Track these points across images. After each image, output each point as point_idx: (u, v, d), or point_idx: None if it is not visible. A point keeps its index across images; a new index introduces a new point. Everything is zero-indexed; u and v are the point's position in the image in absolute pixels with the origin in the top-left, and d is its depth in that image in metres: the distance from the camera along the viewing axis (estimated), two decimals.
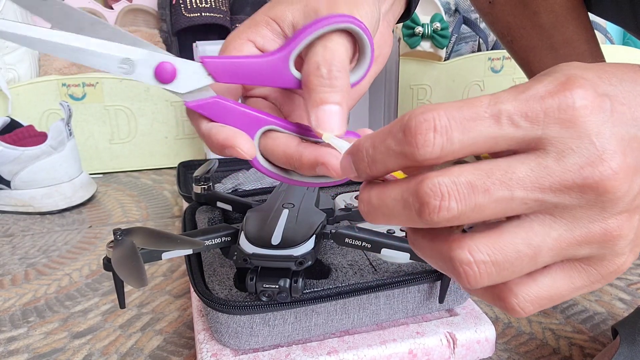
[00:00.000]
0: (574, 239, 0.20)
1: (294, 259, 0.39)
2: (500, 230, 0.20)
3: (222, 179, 0.75)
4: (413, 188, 0.20)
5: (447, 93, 1.10)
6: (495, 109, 0.19)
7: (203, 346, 0.43)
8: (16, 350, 0.50)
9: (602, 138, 0.19)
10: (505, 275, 0.20)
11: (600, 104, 0.19)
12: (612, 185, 0.19)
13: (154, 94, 0.98)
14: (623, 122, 0.20)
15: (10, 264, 0.66)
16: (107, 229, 0.76)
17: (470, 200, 0.19)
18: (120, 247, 0.38)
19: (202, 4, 1.01)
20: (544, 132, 0.19)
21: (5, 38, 0.26)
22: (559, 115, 0.19)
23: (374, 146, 0.21)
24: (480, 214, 0.19)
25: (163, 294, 0.59)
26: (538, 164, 0.19)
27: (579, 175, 0.19)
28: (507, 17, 0.63)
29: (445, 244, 0.20)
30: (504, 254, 0.20)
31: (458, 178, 0.19)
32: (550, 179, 0.19)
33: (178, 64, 0.29)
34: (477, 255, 0.20)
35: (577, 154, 0.19)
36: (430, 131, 0.19)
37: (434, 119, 0.19)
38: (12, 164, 0.79)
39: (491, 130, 0.19)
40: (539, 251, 0.20)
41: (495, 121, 0.19)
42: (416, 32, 1.06)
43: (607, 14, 0.61)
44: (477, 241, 0.20)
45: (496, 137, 0.19)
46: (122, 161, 1.01)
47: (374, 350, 0.43)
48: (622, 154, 0.19)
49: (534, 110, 0.19)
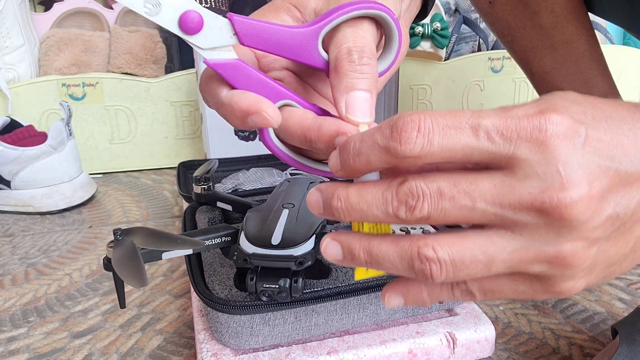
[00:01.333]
0: (527, 256, 0.21)
1: (294, 259, 0.39)
2: (463, 235, 0.22)
3: (222, 179, 0.75)
4: (394, 187, 0.22)
5: (447, 93, 1.10)
6: (476, 122, 0.21)
7: (203, 346, 0.43)
8: (16, 350, 0.50)
9: (568, 167, 0.20)
10: (459, 276, 0.22)
11: (574, 133, 0.20)
12: (569, 213, 0.20)
13: (154, 94, 0.98)
14: (596, 154, 0.20)
15: (11, 264, 0.66)
16: (107, 229, 0.76)
17: (438, 204, 0.21)
18: (120, 247, 0.38)
19: (202, 4, 1.01)
20: (515, 151, 0.20)
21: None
22: (531, 136, 0.20)
23: (362, 140, 0.23)
24: (445, 218, 0.22)
25: (163, 293, 0.59)
26: (502, 182, 0.21)
27: (538, 198, 0.20)
28: (507, 17, 0.63)
29: (410, 242, 0.22)
30: (461, 256, 0.22)
31: (431, 183, 0.21)
32: (511, 196, 0.20)
33: (205, 15, 0.27)
34: (439, 252, 0.22)
35: (541, 178, 0.20)
36: (414, 130, 0.21)
37: (419, 120, 0.21)
38: (12, 164, 0.79)
39: (468, 140, 0.21)
40: (493, 260, 0.22)
41: (473, 132, 0.21)
42: (416, 32, 1.06)
43: (607, 14, 0.61)
44: (440, 240, 0.22)
45: (472, 148, 0.21)
46: (122, 161, 1.01)
47: (374, 350, 0.43)
48: (587, 184, 0.20)
49: (509, 128, 0.21)
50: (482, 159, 0.21)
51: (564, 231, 0.21)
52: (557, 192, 0.20)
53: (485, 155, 0.21)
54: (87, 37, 0.99)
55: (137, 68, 0.99)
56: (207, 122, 0.85)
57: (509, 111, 0.21)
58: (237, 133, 0.87)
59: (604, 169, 0.20)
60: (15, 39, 0.95)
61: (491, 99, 1.13)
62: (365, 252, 0.24)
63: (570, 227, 0.20)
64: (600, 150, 0.21)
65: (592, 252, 0.21)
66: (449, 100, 1.10)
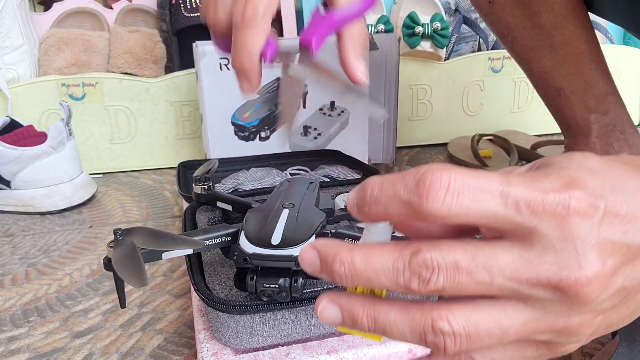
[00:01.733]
0: (539, 328, 0.22)
1: (294, 258, 0.39)
2: (476, 306, 0.21)
3: (222, 179, 0.75)
4: (406, 257, 0.21)
5: (447, 93, 1.10)
6: (506, 189, 0.20)
7: (203, 345, 0.43)
8: (17, 349, 0.50)
9: (585, 245, 0.20)
10: (471, 348, 0.22)
11: (594, 210, 0.20)
12: (584, 291, 0.20)
13: (154, 94, 0.98)
14: (611, 231, 0.21)
15: (11, 264, 0.66)
16: (107, 229, 0.76)
17: (455, 278, 0.21)
18: (120, 247, 0.38)
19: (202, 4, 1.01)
20: (538, 224, 0.20)
21: None
22: (555, 212, 0.20)
23: (382, 188, 0.22)
24: (460, 292, 0.21)
25: (163, 293, 0.59)
26: (520, 256, 0.21)
27: (556, 276, 0.20)
28: (507, 17, 0.63)
29: (422, 312, 0.21)
30: (476, 329, 0.21)
31: (447, 255, 0.21)
32: (529, 273, 0.20)
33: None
34: (454, 325, 0.21)
35: (559, 255, 0.20)
36: (444, 189, 0.20)
37: (449, 178, 0.20)
38: (12, 164, 0.79)
39: (497, 208, 0.20)
40: (507, 332, 0.21)
41: (502, 201, 0.20)
42: (416, 32, 1.06)
43: (607, 14, 0.61)
44: (454, 312, 0.21)
45: (498, 215, 0.20)
46: (122, 161, 1.01)
47: (374, 350, 0.43)
48: (600, 263, 0.20)
49: (536, 201, 0.20)
50: (503, 228, 0.21)
51: (576, 306, 0.21)
52: (573, 270, 0.20)
53: (507, 225, 0.21)
54: (86, 37, 0.99)
55: (137, 68, 0.99)
56: (207, 122, 0.85)
57: (536, 181, 0.21)
58: (237, 133, 0.87)
59: (618, 246, 0.21)
60: (15, 38, 0.95)
61: (491, 99, 1.13)
62: (371, 318, 0.23)
63: (582, 304, 0.21)
64: (615, 226, 0.21)
65: (597, 320, 0.22)
66: (449, 100, 1.10)
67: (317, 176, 0.76)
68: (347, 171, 0.78)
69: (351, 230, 0.43)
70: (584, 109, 0.62)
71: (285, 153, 0.87)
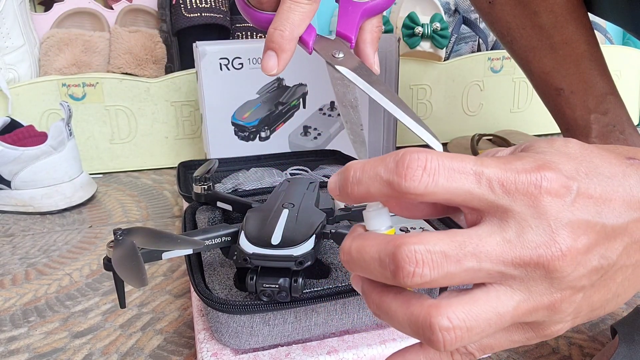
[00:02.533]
0: (527, 308, 0.22)
1: (293, 258, 0.39)
2: (473, 298, 0.22)
3: (222, 179, 0.75)
4: (390, 250, 0.22)
5: (447, 93, 1.10)
6: (479, 169, 0.22)
7: (203, 345, 0.43)
8: (17, 349, 0.50)
9: (558, 223, 0.21)
10: (473, 339, 0.22)
11: (565, 190, 0.22)
12: (560, 265, 0.21)
13: (154, 94, 0.98)
14: (584, 211, 0.22)
15: (11, 264, 0.66)
16: (107, 229, 0.76)
17: (443, 268, 0.21)
18: (120, 247, 0.38)
19: (202, 4, 1.01)
20: (511, 203, 0.21)
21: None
22: (527, 191, 0.21)
23: (363, 170, 0.23)
24: (449, 281, 0.22)
25: (163, 293, 0.59)
26: (503, 238, 0.21)
27: (535, 253, 0.21)
28: (506, 17, 0.63)
29: (422, 309, 0.22)
30: (477, 321, 0.22)
31: (434, 247, 0.21)
32: (512, 253, 0.21)
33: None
34: (455, 321, 0.21)
35: (534, 232, 0.21)
36: (420, 169, 0.21)
37: (426, 159, 0.21)
38: (13, 164, 0.79)
39: (471, 186, 0.22)
40: (504, 318, 0.22)
41: (476, 179, 0.22)
42: (416, 32, 1.06)
43: (607, 14, 0.61)
44: (454, 308, 0.22)
45: (472, 193, 0.22)
46: (122, 161, 1.01)
47: (374, 350, 0.43)
48: (573, 239, 0.21)
49: (509, 181, 0.21)
50: (480, 206, 0.22)
51: (556, 282, 0.22)
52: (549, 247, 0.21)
53: (483, 203, 0.22)
54: (87, 38, 0.99)
55: (137, 68, 0.99)
56: (207, 122, 0.85)
57: (509, 163, 0.22)
58: (237, 133, 0.87)
59: (591, 225, 0.22)
60: (15, 39, 0.95)
61: (491, 99, 1.13)
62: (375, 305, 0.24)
63: (560, 278, 0.22)
64: (588, 206, 0.22)
65: (577, 298, 0.23)
66: (449, 100, 1.10)
67: (317, 176, 0.76)
68: None
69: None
70: (583, 109, 0.62)
71: (285, 153, 0.87)
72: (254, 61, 0.83)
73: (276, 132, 0.88)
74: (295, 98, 0.87)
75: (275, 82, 0.86)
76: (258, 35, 1.07)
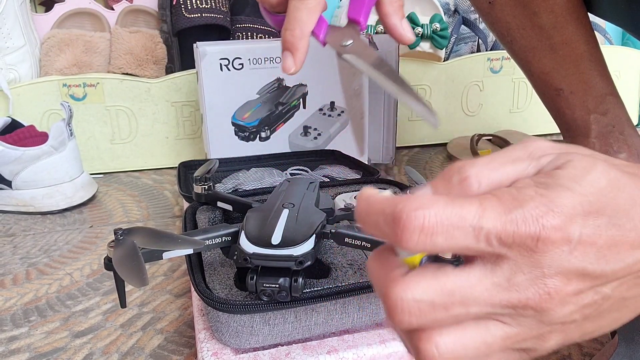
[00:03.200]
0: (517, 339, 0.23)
1: (294, 258, 0.40)
2: (462, 327, 0.22)
3: (222, 179, 0.75)
4: (382, 291, 0.22)
5: (447, 93, 1.10)
6: (479, 224, 0.21)
7: (204, 345, 0.43)
8: (17, 349, 0.50)
9: (551, 269, 0.21)
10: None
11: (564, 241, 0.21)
12: (547, 306, 0.21)
13: (155, 95, 0.99)
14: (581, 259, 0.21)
15: (12, 264, 0.66)
16: (108, 229, 0.76)
17: (430, 315, 0.22)
18: (121, 246, 0.38)
19: (203, 5, 1.01)
20: (507, 252, 0.21)
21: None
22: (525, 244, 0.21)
23: (368, 212, 0.23)
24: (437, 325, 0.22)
25: (164, 293, 0.59)
26: (493, 283, 0.22)
27: (523, 296, 0.21)
28: (506, 17, 0.63)
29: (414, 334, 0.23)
30: (465, 350, 0.22)
31: (422, 296, 0.22)
32: (500, 296, 0.22)
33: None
34: (442, 349, 0.22)
35: (526, 276, 0.21)
36: (417, 231, 0.21)
37: (424, 217, 0.21)
38: (13, 164, 0.79)
39: (469, 242, 0.21)
40: (492, 348, 0.23)
41: (474, 236, 0.21)
42: (416, 32, 1.06)
43: (607, 14, 0.61)
44: (444, 337, 0.22)
45: (469, 248, 0.22)
46: (123, 161, 1.01)
47: (374, 349, 0.43)
48: (564, 283, 0.21)
49: (508, 235, 0.21)
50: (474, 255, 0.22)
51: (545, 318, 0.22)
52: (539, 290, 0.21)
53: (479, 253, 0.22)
54: (88, 38, 0.99)
55: (137, 68, 0.99)
56: (207, 122, 0.85)
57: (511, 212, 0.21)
58: (237, 133, 0.87)
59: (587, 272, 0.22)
60: (16, 39, 0.95)
61: (490, 99, 1.13)
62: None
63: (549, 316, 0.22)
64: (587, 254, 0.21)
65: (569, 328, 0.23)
66: (449, 100, 1.10)
67: (317, 176, 0.77)
68: (347, 171, 0.78)
69: (351, 230, 0.43)
70: (583, 110, 0.62)
71: (285, 153, 0.87)
72: (254, 61, 0.83)
73: (276, 133, 0.88)
74: (295, 98, 0.88)
75: (275, 82, 0.86)
76: (258, 36, 1.07)
